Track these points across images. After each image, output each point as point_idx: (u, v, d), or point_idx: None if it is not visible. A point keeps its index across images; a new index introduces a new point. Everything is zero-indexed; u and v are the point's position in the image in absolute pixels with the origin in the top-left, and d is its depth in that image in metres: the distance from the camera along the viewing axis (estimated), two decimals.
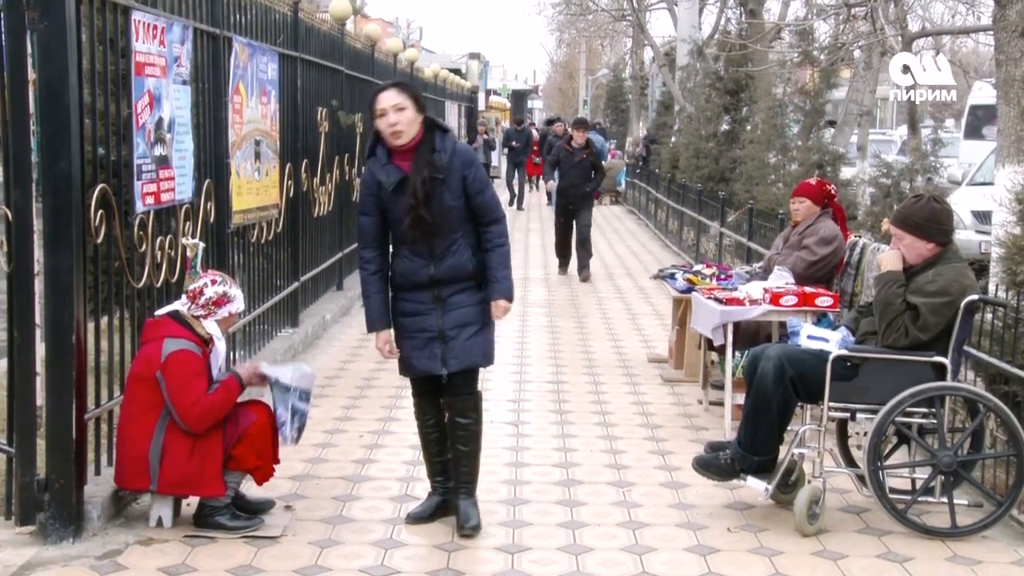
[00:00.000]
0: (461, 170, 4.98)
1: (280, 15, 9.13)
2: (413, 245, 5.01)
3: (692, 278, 8.34)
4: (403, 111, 4.90)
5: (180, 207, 6.32)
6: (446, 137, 5.00)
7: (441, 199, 4.94)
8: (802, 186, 7.82)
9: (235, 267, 7.75)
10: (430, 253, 5.02)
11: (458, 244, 5.02)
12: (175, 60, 6.19)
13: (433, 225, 4.94)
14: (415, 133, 4.95)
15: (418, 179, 4.91)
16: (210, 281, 5.17)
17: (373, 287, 5.12)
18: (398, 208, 4.96)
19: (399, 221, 4.98)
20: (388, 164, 4.97)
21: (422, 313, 5.08)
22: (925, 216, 5.40)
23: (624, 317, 11.61)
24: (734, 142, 17.40)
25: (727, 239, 13.63)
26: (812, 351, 5.44)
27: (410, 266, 5.05)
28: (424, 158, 4.93)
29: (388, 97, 4.93)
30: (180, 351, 4.92)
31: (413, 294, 5.08)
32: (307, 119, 10.08)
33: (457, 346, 5.07)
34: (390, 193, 4.96)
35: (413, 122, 4.94)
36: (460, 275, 5.04)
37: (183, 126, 6.35)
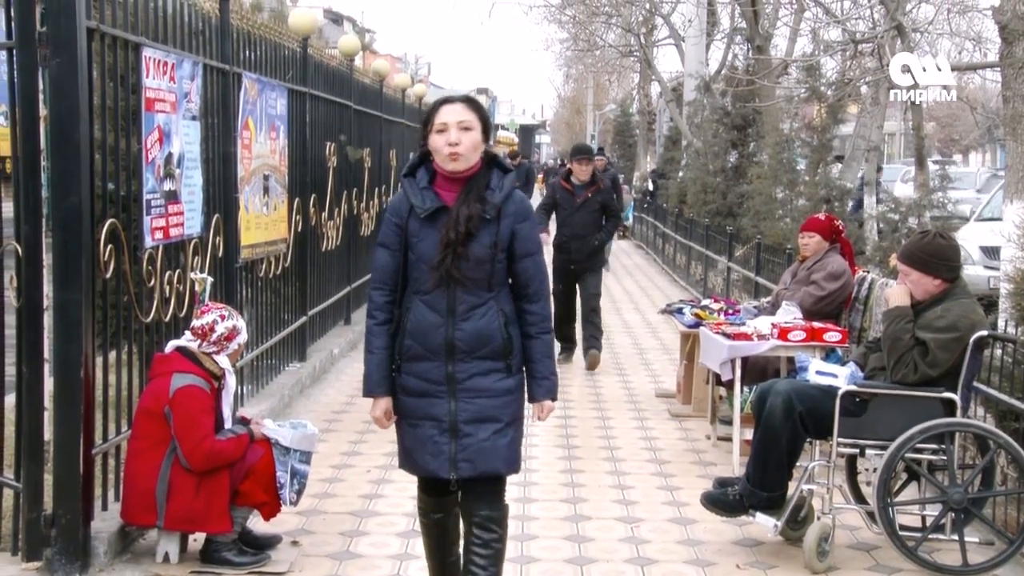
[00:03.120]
0: (514, 220, 4.11)
1: (289, 51, 9.19)
2: (431, 296, 4.07)
3: (700, 313, 8.33)
4: (469, 131, 4.06)
5: (189, 242, 6.34)
6: (506, 177, 4.16)
7: (481, 245, 4.05)
8: (811, 221, 7.82)
9: (243, 302, 7.77)
10: (450, 309, 4.07)
11: (488, 307, 4.08)
12: (185, 96, 6.23)
13: (464, 272, 4.04)
14: (474, 162, 4.12)
15: (463, 211, 4.03)
16: (219, 317, 5.18)
17: (378, 341, 4.15)
18: (427, 242, 4.06)
19: (423, 259, 4.06)
20: (427, 189, 4.11)
21: (430, 395, 4.11)
22: (931, 252, 5.40)
23: (632, 352, 11.59)
24: (741, 177, 17.41)
25: (735, 274, 13.62)
26: (821, 386, 5.43)
27: (423, 323, 4.08)
28: (475, 192, 4.08)
29: (454, 111, 4.08)
30: (188, 387, 4.92)
31: (422, 366, 4.10)
32: (315, 154, 10.13)
33: (473, 446, 4.08)
34: (422, 221, 4.07)
35: (476, 148, 4.09)
36: (485, 348, 4.08)
37: (192, 161, 6.38)
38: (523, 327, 4.15)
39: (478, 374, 4.08)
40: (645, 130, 40.00)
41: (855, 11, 15.81)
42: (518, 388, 4.15)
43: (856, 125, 18.48)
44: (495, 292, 4.09)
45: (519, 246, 4.11)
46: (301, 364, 9.45)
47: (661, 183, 25.66)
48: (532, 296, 4.14)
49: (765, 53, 17.15)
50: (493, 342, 4.08)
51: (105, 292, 5.22)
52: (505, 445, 4.10)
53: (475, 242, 4.04)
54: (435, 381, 4.09)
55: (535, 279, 4.15)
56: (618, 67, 40.25)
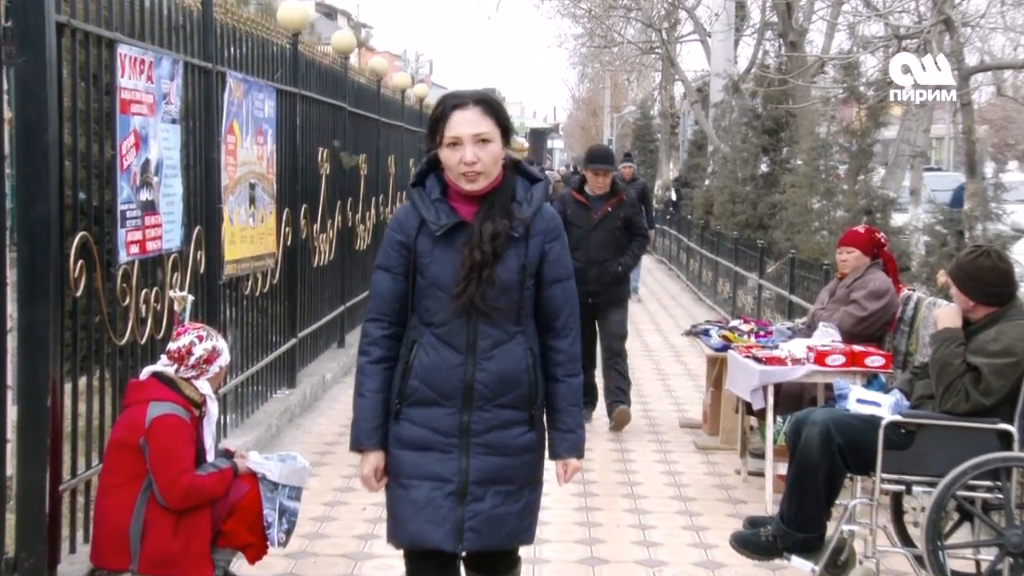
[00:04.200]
0: (544, 238, 3.77)
1: (278, 48, 9.22)
2: (447, 328, 3.71)
3: (728, 335, 8.32)
4: (487, 144, 3.68)
5: (167, 257, 6.34)
6: (535, 188, 3.81)
7: (508, 268, 3.71)
8: (849, 234, 7.80)
9: (227, 322, 7.76)
10: (471, 346, 3.71)
11: (516, 344, 3.75)
12: (164, 97, 6.24)
13: (489, 301, 3.69)
14: (496, 174, 3.76)
15: (487, 228, 3.67)
16: (196, 338, 5.16)
17: (372, 383, 3.78)
18: (442, 264, 3.71)
19: (438, 285, 3.71)
20: (440, 201, 3.75)
21: (437, 448, 3.73)
22: (971, 272, 5.38)
23: (653, 377, 11.56)
24: (773, 186, 17.41)
25: (766, 292, 13.60)
26: (862, 416, 5.40)
27: (437, 361, 3.71)
28: (500, 205, 3.73)
29: (467, 121, 3.68)
30: (166, 416, 4.91)
31: (430, 414, 3.74)
32: (307, 161, 10.14)
33: (483, 513, 3.72)
34: (435, 239, 3.72)
35: (497, 161, 3.72)
36: (509, 394, 3.74)
37: (172, 168, 6.38)
38: (548, 368, 3.81)
39: (498, 426, 3.73)
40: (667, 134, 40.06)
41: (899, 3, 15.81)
42: (539, 445, 3.83)
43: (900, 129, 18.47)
44: (523, 326, 3.75)
45: (549, 270, 3.77)
46: (290, 391, 9.43)
47: (685, 192, 25.68)
48: (560, 331, 3.80)
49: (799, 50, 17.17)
50: (519, 387, 3.73)
51: (75, 312, 5.21)
52: (518, 512, 3.76)
53: (501, 265, 3.68)
54: (445, 432, 3.71)
55: (564, 310, 3.80)
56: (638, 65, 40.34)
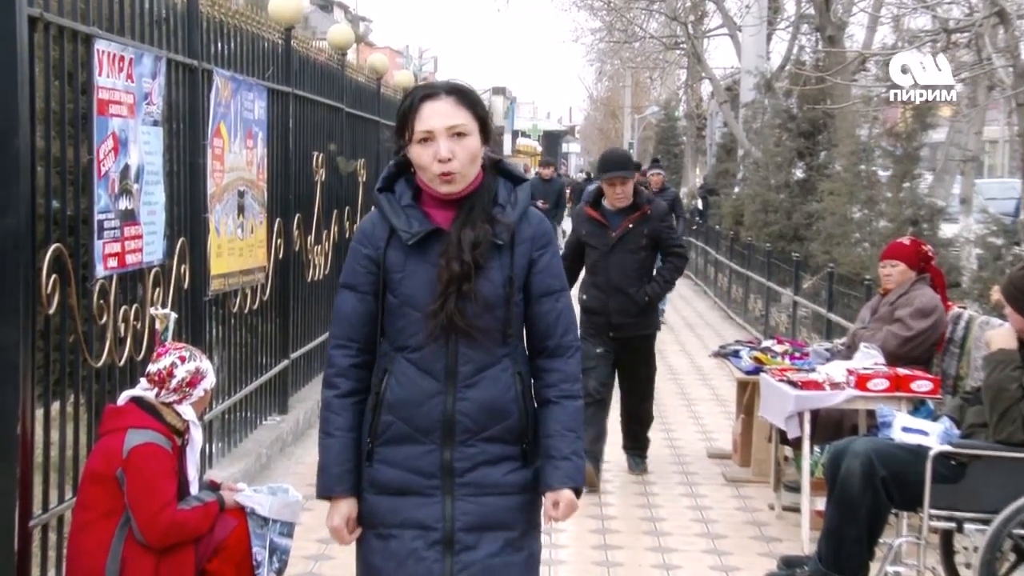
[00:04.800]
0: (531, 246, 3.59)
1: (269, 43, 9.25)
2: (423, 353, 3.53)
3: (760, 356, 8.31)
4: (464, 139, 3.51)
5: (149, 271, 6.35)
6: (519, 189, 3.64)
7: (491, 281, 3.54)
8: (893, 247, 7.79)
9: (213, 342, 7.77)
10: (450, 372, 3.52)
11: (502, 368, 3.55)
12: (145, 97, 6.26)
13: (470, 319, 3.50)
14: (474, 177, 3.58)
15: (466, 235, 3.50)
16: (178, 359, 5.16)
17: (340, 420, 3.60)
18: (416, 279, 3.53)
19: (412, 303, 3.53)
20: (412, 207, 3.58)
21: (416, 491, 3.54)
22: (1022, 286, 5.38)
23: (678, 403, 11.54)
24: (810, 193, 17.39)
25: (802, 309, 13.58)
26: (908, 446, 5.39)
27: (412, 390, 3.52)
28: (480, 210, 3.55)
29: (440, 112, 3.51)
30: (145, 445, 4.90)
31: (405, 452, 3.55)
32: (300, 166, 10.16)
33: (476, 564, 3.52)
34: (407, 251, 3.54)
35: (475, 158, 3.55)
36: (496, 426, 3.54)
37: (153, 175, 6.40)
38: (539, 390, 3.60)
39: (485, 463, 3.53)
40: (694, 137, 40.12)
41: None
42: (535, 482, 3.59)
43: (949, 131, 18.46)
44: (511, 347, 3.56)
45: (538, 282, 3.58)
46: (282, 417, 9.44)
47: (713, 200, 25.69)
48: (554, 350, 3.60)
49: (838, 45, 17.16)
50: (507, 418, 3.54)
51: (48, 331, 5.22)
52: (520, 564, 3.55)
53: (483, 278, 3.50)
54: (424, 473, 3.52)
55: (558, 327, 3.60)
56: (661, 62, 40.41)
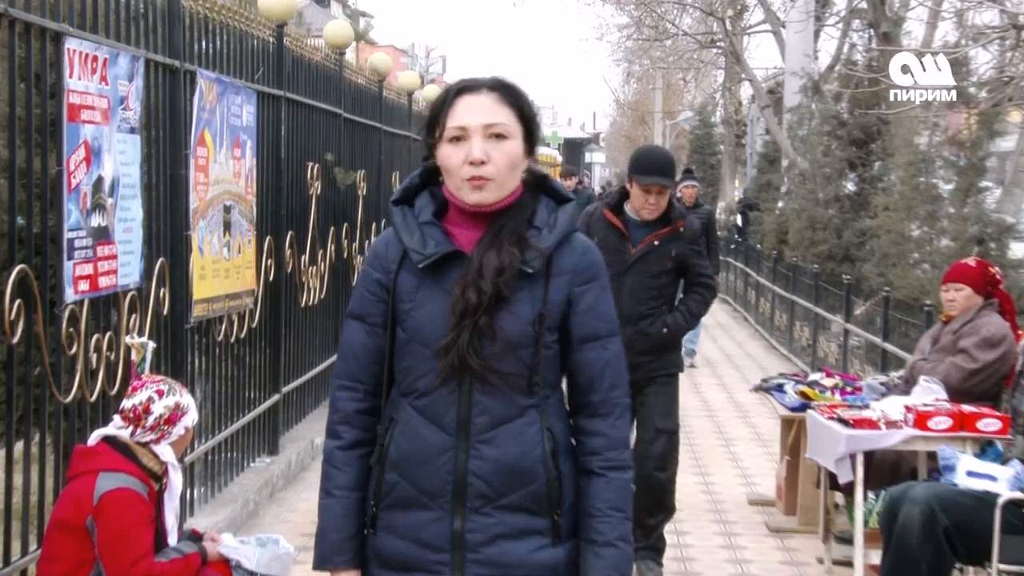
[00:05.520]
0: (572, 279, 3.39)
1: (259, 42, 9.27)
2: (432, 399, 3.35)
3: (807, 391, 8.28)
4: (503, 142, 3.34)
5: (124, 295, 6.36)
6: (561, 211, 3.44)
7: (517, 317, 3.33)
8: (957, 268, 7.77)
9: (195, 374, 7.77)
10: (462, 424, 3.34)
11: (527, 423, 3.35)
12: (121, 101, 6.27)
13: (489, 360, 3.31)
14: (512, 189, 3.39)
15: (490, 260, 3.30)
16: (156, 394, 5.16)
17: (343, 477, 3.45)
18: (427, 310, 3.36)
19: (420, 338, 3.36)
20: (431, 225, 3.40)
21: (423, 568, 3.38)
22: None
23: (715, 443, 11.50)
24: (862, 208, 17.36)
25: (854, 339, 13.54)
26: (974, 493, 5.36)
27: (417, 445, 3.36)
28: (510, 230, 3.36)
29: (478, 107, 3.36)
30: (119, 490, 4.90)
31: (412, 519, 3.37)
32: (293, 178, 10.17)
33: None
34: (421, 276, 3.38)
35: (515, 167, 3.37)
36: (518, 491, 3.34)
37: (130, 188, 6.41)
38: (580, 457, 3.39)
39: (505, 536, 3.33)
40: (732, 146, 40.13)
41: None
42: (570, 565, 3.38)
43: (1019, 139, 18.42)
44: (538, 398, 3.35)
45: (580, 324, 3.38)
46: (272, 458, 9.43)
47: (753, 216, 25.67)
48: (596, 407, 3.39)
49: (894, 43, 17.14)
50: (531, 482, 3.33)
51: (11, 362, 5.22)
52: None
53: (507, 312, 3.31)
54: (432, 545, 3.35)
55: (603, 380, 3.39)
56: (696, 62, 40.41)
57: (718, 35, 31.15)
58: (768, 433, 11.57)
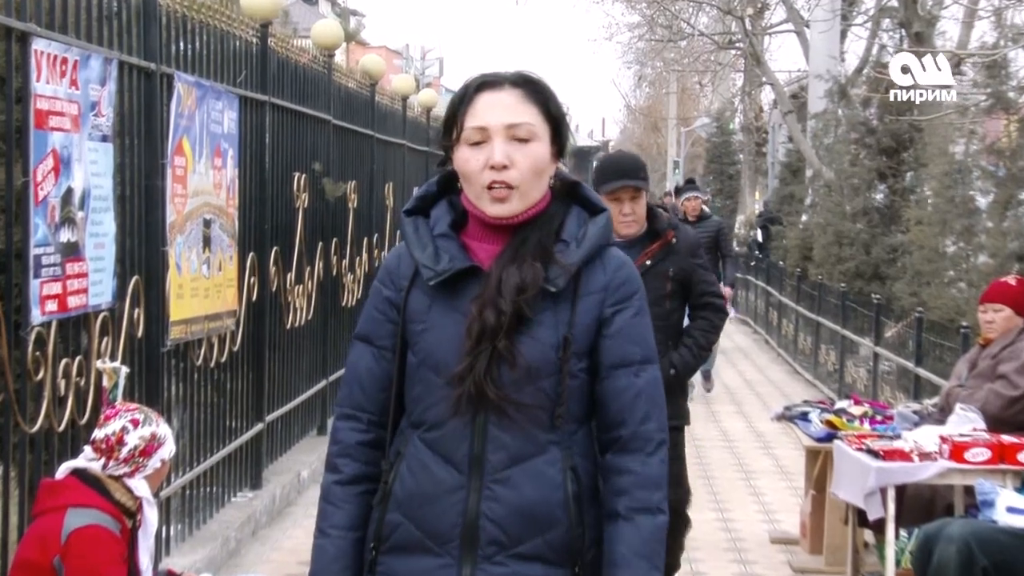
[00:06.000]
0: (603, 299, 3.29)
1: (242, 43, 9.27)
2: (443, 433, 3.26)
3: (834, 420, 8.27)
4: (528, 145, 3.25)
5: (95, 316, 6.35)
6: (592, 223, 3.34)
7: (539, 342, 3.24)
8: (996, 287, 7.76)
9: (172, 402, 7.76)
10: (475, 461, 3.23)
11: (548, 461, 3.24)
12: (92, 107, 6.27)
13: (507, 391, 3.21)
14: (537, 198, 3.31)
15: (510, 277, 3.21)
16: (130, 423, 5.15)
17: (340, 515, 3.35)
18: (440, 333, 3.28)
19: (432, 364, 3.27)
20: (447, 238, 3.32)
21: None
22: None
23: (735, 475, 11.49)
24: (893, 222, 17.37)
25: (885, 363, 13.53)
26: (1014, 530, 5.35)
27: (424, 483, 3.26)
28: (535, 243, 3.27)
29: (501, 106, 3.28)
30: (89, 528, 4.89)
31: (415, 564, 3.28)
32: (279, 190, 10.17)
33: None
34: (433, 294, 3.29)
35: (541, 173, 3.29)
36: (535, 538, 3.23)
37: (102, 200, 6.41)
38: (606, 497, 3.27)
39: None
40: (752, 155, 40.16)
41: None
42: None
43: None
44: (562, 434, 3.24)
45: (611, 348, 3.27)
46: (254, 493, 9.41)
47: (775, 231, 25.67)
48: (627, 442, 3.26)
49: (927, 44, 17.17)
50: (551, 528, 3.21)
51: None
52: None
53: (528, 335, 3.22)
54: None
55: (634, 411, 3.27)
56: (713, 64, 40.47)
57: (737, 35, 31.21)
58: (792, 465, 11.56)
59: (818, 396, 14.44)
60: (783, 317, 21.12)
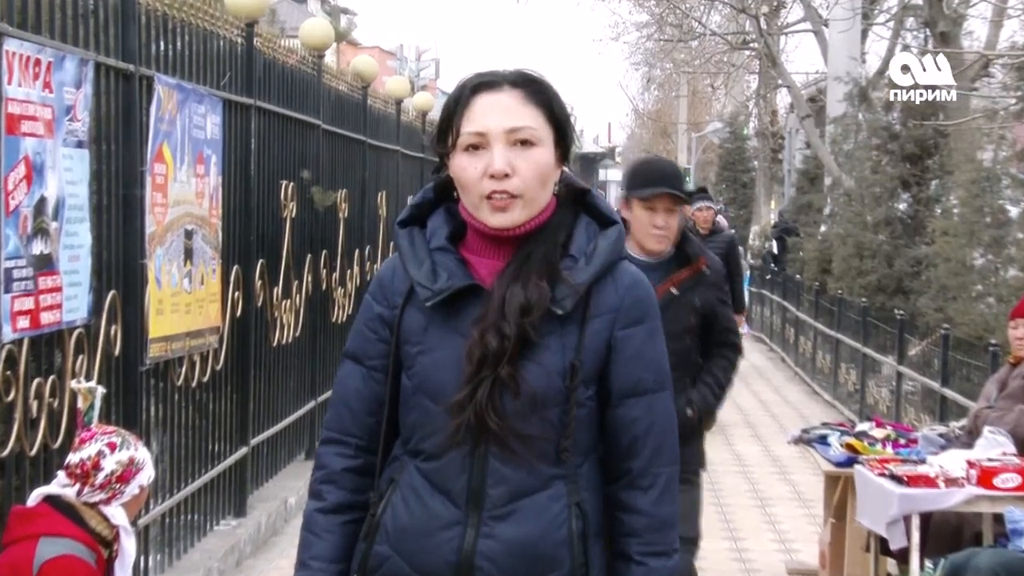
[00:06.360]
0: (615, 319, 3.23)
1: (226, 43, 9.28)
2: (441, 464, 3.20)
3: (854, 443, 8.27)
4: (531, 150, 3.18)
5: (70, 333, 6.35)
6: (602, 236, 3.27)
7: (544, 368, 3.16)
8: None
9: (151, 424, 7.76)
10: (473, 495, 3.17)
11: (552, 497, 3.17)
12: (67, 111, 6.27)
13: (510, 421, 3.14)
14: (542, 206, 3.23)
15: (514, 296, 3.14)
16: (106, 447, 5.14)
17: (323, 546, 3.38)
18: (438, 356, 3.21)
19: (429, 390, 3.21)
20: (444, 252, 3.25)
21: None
22: None
23: (749, 503, 11.48)
24: (917, 233, 17.36)
25: (909, 383, 13.52)
26: None
27: (418, 516, 3.20)
28: (541, 259, 3.19)
29: (500, 108, 3.20)
30: (62, 558, 4.88)
31: None
32: (265, 199, 10.18)
33: None
34: (431, 314, 3.22)
35: (546, 180, 3.21)
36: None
37: (77, 210, 6.40)
38: (616, 536, 3.23)
39: None
40: (767, 162, 40.14)
41: None
42: None
43: None
44: (567, 467, 3.19)
45: (622, 375, 3.22)
46: (238, 521, 9.41)
47: (792, 242, 25.68)
48: (637, 477, 3.22)
49: (953, 44, 17.19)
50: (553, 569, 3.17)
51: None
52: None
53: (533, 361, 3.15)
54: None
55: (645, 443, 3.22)
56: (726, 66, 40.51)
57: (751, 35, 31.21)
58: (810, 492, 11.54)
59: (838, 418, 14.44)
60: (800, 334, 21.10)
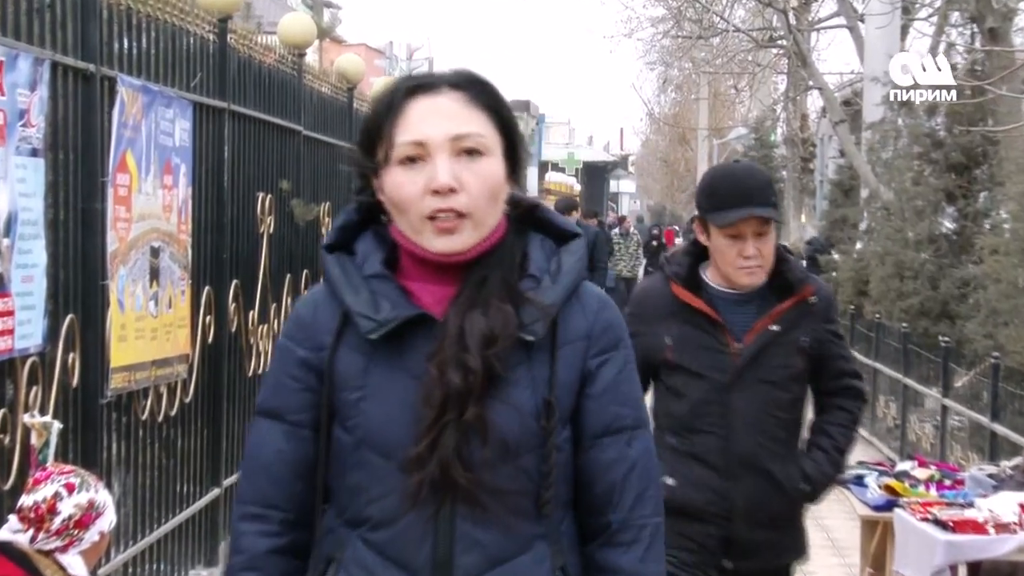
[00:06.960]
0: (588, 347, 3.08)
1: (197, 40, 9.28)
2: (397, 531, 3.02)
3: (894, 485, 8.27)
4: (479, 160, 3.04)
5: (22, 362, 6.35)
6: (565, 252, 3.14)
7: (513, 408, 3.00)
8: None
9: (113, 463, 7.75)
10: (440, 566, 3.00)
11: (535, 558, 3.03)
12: (20, 116, 6.28)
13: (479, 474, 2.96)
14: (491, 228, 3.07)
15: (475, 325, 2.98)
16: (63, 488, 5.14)
17: None
18: (386, 404, 3.03)
19: (376, 444, 3.03)
20: (382, 278, 3.09)
21: None
22: None
23: None
24: (964, 251, 17.36)
25: (955, 418, 13.51)
26: None
27: None
28: (499, 282, 3.04)
29: (439, 111, 3.06)
30: None
31: None
32: (240, 212, 10.18)
33: None
34: (370, 353, 3.05)
35: (496, 195, 3.07)
36: None
37: (31, 226, 6.41)
38: None
39: None
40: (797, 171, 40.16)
41: None
42: None
43: None
44: (549, 524, 3.04)
45: (595, 411, 3.07)
46: (209, 571, 9.40)
47: (824, 261, 25.67)
48: (618, 532, 3.07)
49: (1003, 42, 17.20)
50: None
51: None
52: None
53: (501, 400, 2.98)
54: None
55: (626, 491, 3.07)
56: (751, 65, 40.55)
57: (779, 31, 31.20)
58: (845, 538, 11.54)
59: (876, 457, 14.41)
60: None
